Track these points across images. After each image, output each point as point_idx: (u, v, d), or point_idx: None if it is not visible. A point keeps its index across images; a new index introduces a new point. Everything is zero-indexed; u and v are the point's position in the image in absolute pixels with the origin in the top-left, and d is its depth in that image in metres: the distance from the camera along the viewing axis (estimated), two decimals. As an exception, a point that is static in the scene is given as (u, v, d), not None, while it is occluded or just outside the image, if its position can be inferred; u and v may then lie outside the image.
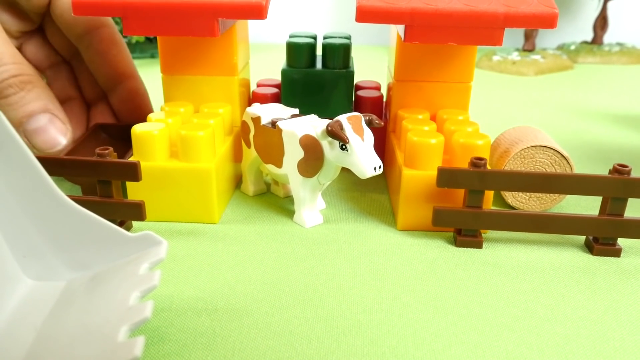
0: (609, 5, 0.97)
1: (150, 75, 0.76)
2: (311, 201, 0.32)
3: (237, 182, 0.38)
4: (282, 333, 0.23)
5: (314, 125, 0.31)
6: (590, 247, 0.30)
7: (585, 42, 0.93)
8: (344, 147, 0.29)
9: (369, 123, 0.30)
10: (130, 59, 0.37)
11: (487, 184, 0.29)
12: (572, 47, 0.91)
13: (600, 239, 0.30)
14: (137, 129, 0.31)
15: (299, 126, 0.31)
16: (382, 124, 0.31)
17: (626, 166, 0.29)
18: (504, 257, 0.29)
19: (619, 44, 0.92)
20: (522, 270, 0.28)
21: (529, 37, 0.86)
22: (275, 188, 0.37)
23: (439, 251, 0.30)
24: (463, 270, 0.28)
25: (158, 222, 0.32)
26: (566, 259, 0.29)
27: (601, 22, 0.91)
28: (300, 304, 0.25)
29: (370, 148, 0.29)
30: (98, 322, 0.20)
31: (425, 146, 0.31)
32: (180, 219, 0.33)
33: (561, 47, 0.93)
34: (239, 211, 0.34)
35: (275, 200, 0.36)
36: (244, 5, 0.30)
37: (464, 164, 0.31)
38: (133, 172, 0.29)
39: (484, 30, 0.31)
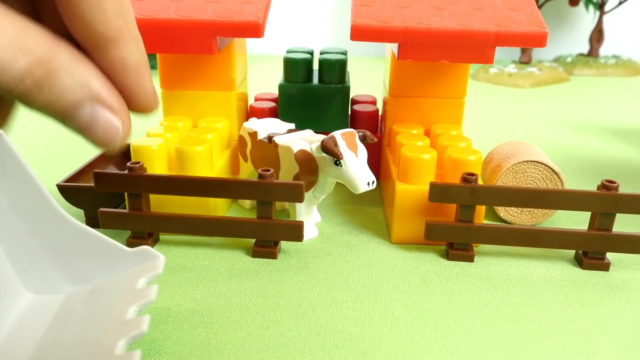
0: (605, 18, 0.98)
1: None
2: (306, 214, 0.33)
3: (235, 195, 0.39)
4: (276, 346, 0.24)
5: (309, 140, 0.32)
6: (580, 261, 0.31)
7: (582, 55, 0.94)
8: (337, 162, 0.29)
9: (363, 139, 0.30)
10: (123, 11, 0.20)
11: (478, 199, 0.30)
12: (569, 60, 0.92)
13: (590, 253, 0.30)
14: (136, 144, 0.32)
15: (294, 141, 0.32)
16: (376, 140, 0.31)
17: (614, 182, 0.29)
18: (495, 271, 0.30)
19: (614, 56, 0.93)
20: (512, 284, 0.29)
21: (526, 49, 0.87)
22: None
23: (431, 264, 0.30)
24: (454, 283, 0.29)
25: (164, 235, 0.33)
26: (556, 273, 0.30)
27: (597, 35, 0.92)
28: (294, 317, 0.26)
29: (363, 163, 0.30)
30: (96, 335, 0.20)
31: (419, 161, 0.31)
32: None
33: (557, 60, 0.94)
34: (236, 224, 0.35)
35: (271, 213, 0.37)
36: (241, 24, 0.31)
37: (456, 178, 0.31)
38: (298, 193, 0.29)
39: (476, 48, 0.32)
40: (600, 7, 0.91)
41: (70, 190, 0.33)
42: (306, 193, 0.32)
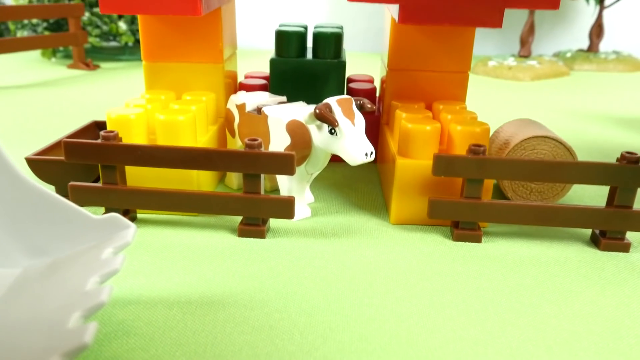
0: (605, 13, 0.97)
1: (133, 78, 0.74)
2: (298, 193, 0.30)
3: (221, 175, 0.36)
4: (261, 328, 0.21)
5: (301, 110, 0.29)
6: (597, 242, 0.28)
7: (581, 50, 0.92)
8: (333, 131, 0.27)
9: (360, 107, 0.28)
10: None
11: (487, 173, 0.27)
12: (568, 55, 0.90)
13: (608, 232, 0.28)
14: (112, 114, 0.29)
15: (285, 112, 0.29)
16: (375, 107, 0.29)
17: (635, 154, 0.27)
18: (505, 252, 0.27)
19: (615, 52, 0.91)
20: (525, 265, 0.26)
21: (525, 43, 0.85)
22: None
23: (435, 245, 0.28)
24: (461, 264, 0.26)
25: (143, 212, 0.30)
26: (571, 254, 0.27)
27: (597, 30, 0.90)
28: (283, 297, 0.23)
29: (361, 132, 0.27)
30: (50, 309, 0.17)
31: (421, 133, 0.29)
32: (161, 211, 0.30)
33: (557, 55, 0.92)
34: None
35: (260, 194, 0.34)
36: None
37: (461, 153, 0.29)
38: (289, 164, 0.26)
39: (483, 10, 0.29)
40: (601, 1, 0.89)
41: (39, 164, 0.30)
42: (298, 168, 0.29)
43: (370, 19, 1.00)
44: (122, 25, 0.78)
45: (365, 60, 0.88)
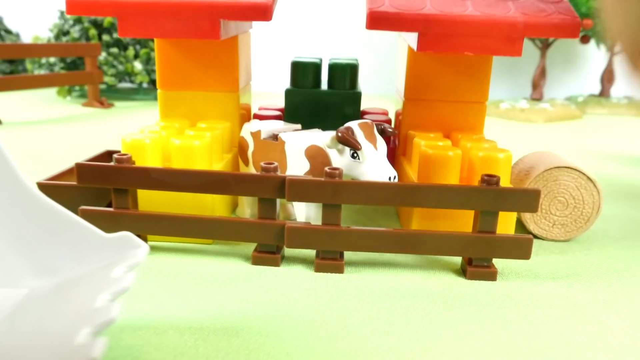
0: (615, 59, 0.97)
1: (146, 116, 0.75)
2: (316, 220, 0.29)
3: (234, 205, 0.35)
4: (277, 355, 0.20)
5: (320, 136, 0.29)
6: (465, 270, 0.27)
7: (593, 95, 0.92)
8: (355, 155, 0.26)
9: (382, 132, 0.27)
10: None
11: (340, 198, 0.26)
12: (580, 99, 0.90)
13: (474, 260, 0.26)
14: (127, 138, 0.29)
15: (303, 138, 0.29)
16: (396, 131, 0.28)
17: (495, 176, 0.26)
18: (520, 289, 0.26)
19: (626, 97, 0.91)
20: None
21: (537, 86, 0.85)
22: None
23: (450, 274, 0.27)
24: (480, 297, 0.25)
25: (155, 241, 0.29)
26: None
27: (608, 75, 0.90)
28: (299, 325, 0.22)
29: (383, 156, 0.26)
30: (58, 325, 0.16)
31: (443, 159, 0.28)
32: (177, 239, 0.29)
33: (569, 99, 0.92)
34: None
35: (274, 223, 0.33)
36: (249, 5, 0.28)
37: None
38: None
39: (503, 39, 0.29)
40: (611, 47, 0.89)
41: (51, 189, 0.30)
42: (315, 195, 0.28)
43: (382, 62, 1.01)
44: (138, 65, 0.79)
45: (377, 100, 0.88)
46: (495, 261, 0.27)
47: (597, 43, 0.86)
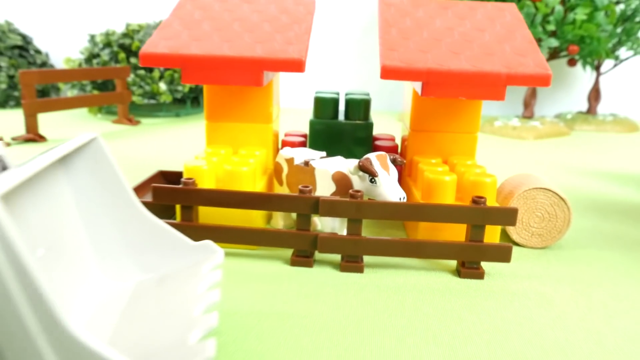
0: (601, 79, 1.05)
1: (171, 132, 0.82)
2: (340, 232, 0.37)
3: (268, 218, 0.42)
4: (319, 332, 0.27)
5: (344, 163, 0.36)
6: (459, 271, 0.34)
7: (581, 112, 0.99)
8: (372, 180, 0.33)
9: (394, 161, 0.35)
10: None
11: (363, 214, 0.33)
12: (569, 116, 0.97)
13: (466, 263, 0.34)
14: (189, 165, 0.36)
15: (330, 164, 0.36)
16: (405, 162, 0.35)
17: (482, 197, 0.33)
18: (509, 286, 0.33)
19: (612, 114, 0.98)
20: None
21: (528, 105, 0.93)
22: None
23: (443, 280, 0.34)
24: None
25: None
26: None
27: (594, 94, 0.98)
28: (333, 310, 0.29)
29: (395, 182, 0.33)
30: (172, 306, 0.23)
31: (442, 183, 0.35)
32: (230, 245, 0.36)
33: (558, 116, 0.99)
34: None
35: (303, 233, 0.40)
36: (287, 60, 0.36)
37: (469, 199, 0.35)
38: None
39: (489, 87, 0.36)
40: (597, 68, 0.97)
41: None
42: (339, 210, 0.36)
43: (386, 83, 1.09)
44: (162, 86, 0.87)
45: (381, 117, 0.96)
46: (483, 264, 0.35)
47: (584, 65, 0.93)
